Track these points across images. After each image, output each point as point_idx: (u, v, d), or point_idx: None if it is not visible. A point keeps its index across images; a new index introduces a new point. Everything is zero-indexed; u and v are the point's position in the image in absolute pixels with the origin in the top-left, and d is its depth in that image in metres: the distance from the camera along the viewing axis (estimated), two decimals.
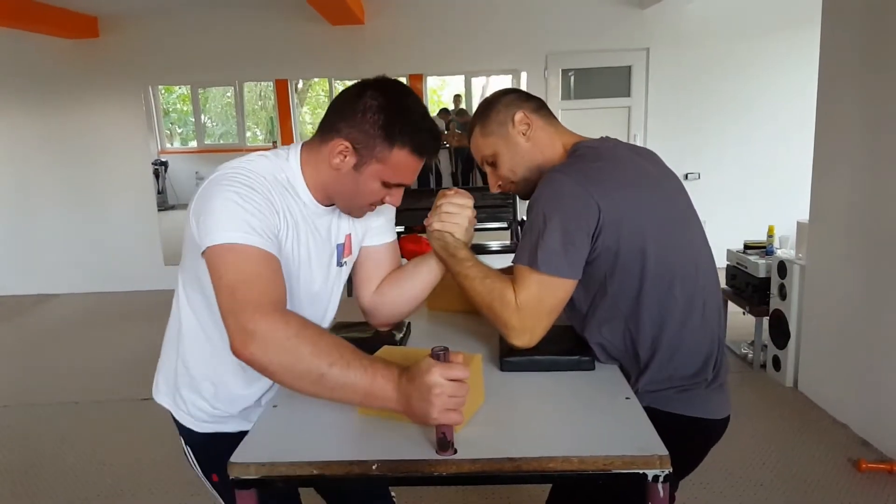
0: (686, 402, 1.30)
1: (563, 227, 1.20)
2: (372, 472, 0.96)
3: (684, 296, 1.28)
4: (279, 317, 1.02)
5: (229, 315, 1.03)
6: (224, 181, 1.13)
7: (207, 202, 1.11)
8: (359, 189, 1.21)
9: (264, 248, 1.09)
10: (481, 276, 1.29)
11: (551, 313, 1.26)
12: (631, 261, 1.24)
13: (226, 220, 1.08)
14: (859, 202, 2.90)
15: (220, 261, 1.07)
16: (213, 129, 12.28)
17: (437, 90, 13.02)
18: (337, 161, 1.18)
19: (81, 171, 6.17)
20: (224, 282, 1.06)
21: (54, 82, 5.98)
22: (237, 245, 1.07)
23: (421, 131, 1.17)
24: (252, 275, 1.06)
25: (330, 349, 1.01)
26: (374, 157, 1.17)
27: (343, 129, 1.17)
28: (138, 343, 4.64)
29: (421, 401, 0.94)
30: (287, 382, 1.03)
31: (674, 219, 1.30)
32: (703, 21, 5.66)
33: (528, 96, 1.43)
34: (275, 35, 5.84)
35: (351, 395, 1.01)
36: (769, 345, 3.62)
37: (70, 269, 6.32)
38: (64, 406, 3.68)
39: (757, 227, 4.21)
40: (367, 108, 1.15)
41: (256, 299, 1.03)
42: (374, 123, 1.15)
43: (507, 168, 1.41)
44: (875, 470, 2.61)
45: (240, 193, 1.11)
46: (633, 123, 5.97)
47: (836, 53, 3.08)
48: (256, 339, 0.99)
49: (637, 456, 0.94)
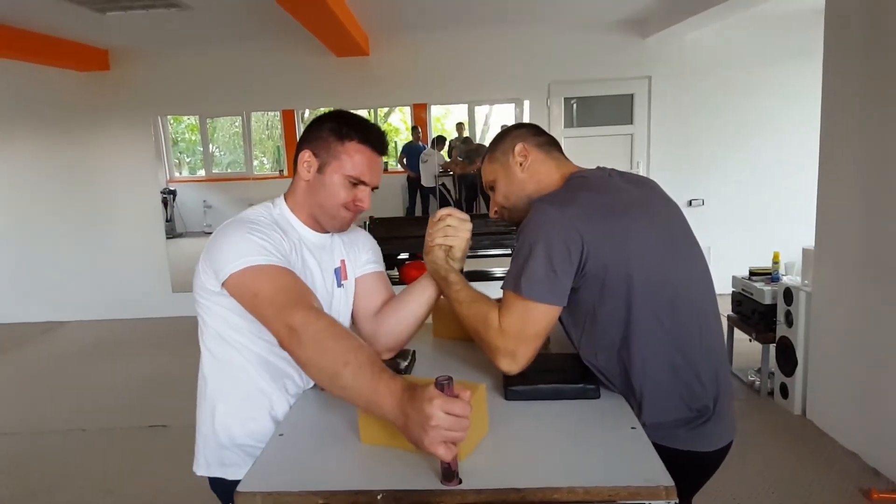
0: (690, 438, 1.30)
1: (547, 255, 1.24)
2: (377, 503, 0.96)
3: (677, 323, 1.28)
4: (313, 312, 1.13)
5: (273, 319, 1.15)
6: (230, 225, 1.29)
7: (220, 243, 1.25)
8: (327, 191, 1.36)
9: (284, 265, 1.23)
10: (469, 301, 1.36)
11: (535, 338, 1.28)
12: (617, 288, 1.25)
13: (243, 249, 1.22)
14: (865, 228, 2.90)
15: (250, 280, 1.19)
16: (221, 159, 12.41)
17: (441, 119, 13.15)
18: (304, 171, 1.36)
19: (91, 200, 6.24)
20: (262, 296, 1.18)
21: (66, 114, 6.09)
22: (261, 265, 1.21)
23: (366, 128, 1.36)
24: (284, 285, 1.19)
25: (347, 350, 1.07)
26: (332, 156, 1.35)
27: (304, 146, 1.37)
28: (146, 370, 4.65)
29: (417, 426, 0.95)
30: (313, 376, 1.13)
31: (664, 246, 1.31)
32: (704, 50, 5.72)
33: (538, 132, 1.50)
34: (282, 66, 5.95)
35: (356, 399, 1.06)
36: (776, 372, 3.59)
37: (79, 296, 6.35)
38: (71, 434, 3.68)
39: (762, 254, 4.22)
40: (321, 126, 1.37)
41: (294, 300, 1.15)
42: (325, 130, 1.36)
43: (502, 195, 1.49)
44: (886, 500, 2.57)
45: (249, 228, 1.27)
46: (636, 151, 6.01)
47: (839, 81, 3.11)
48: (296, 331, 1.10)
49: (642, 487, 0.94)
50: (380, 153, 1.39)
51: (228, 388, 1.35)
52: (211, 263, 1.25)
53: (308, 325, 1.10)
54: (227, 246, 1.24)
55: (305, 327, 1.10)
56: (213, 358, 1.35)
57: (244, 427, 1.34)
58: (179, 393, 1.33)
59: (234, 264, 1.21)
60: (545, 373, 1.32)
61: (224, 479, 1.36)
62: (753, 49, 5.69)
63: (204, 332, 1.35)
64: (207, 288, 1.28)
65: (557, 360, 1.44)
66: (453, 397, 0.95)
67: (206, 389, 1.37)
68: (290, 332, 1.11)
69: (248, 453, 1.34)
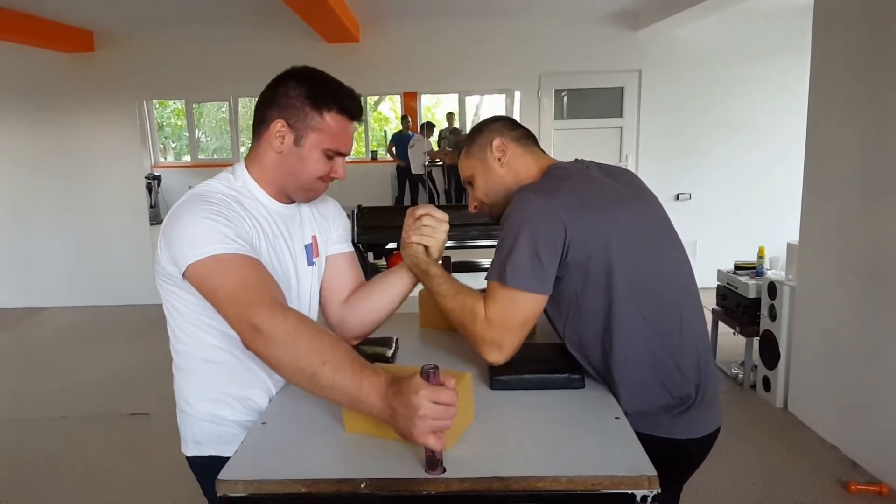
0: (673, 425, 1.31)
1: (531, 243, 1.23)
2: (360, 491, 0.95)
3: (657, 313, 1.29)
4: (278, 312, 1.07)
5: (235, 318, 1.09)
6: (188, 205, 1.19)
7: (178, 227, 1.17)
8: (304, 164, 1.27)
9: (246, 252, 1.15)
10: (453, 293, 1.34)
11: (521, 328, 1.27)
12: (599, 276, 1.26)
13: (201, 236, 1.14)
14: (849, 224, 2.93)
15: (210, 272, 1.12)
16: (207, 144, 12.30)
17: (432, 108, 13.11)
18: (278, 143, 1.26)
19: (74, 184, 6.15)
20: (221, 291, 1.11)
21: (49, 95, 5.98)
22: (220, 255, 1.12)
23: (342, 94, 1.27)
24: (245, 278, 1.12)
25: (324, 349, 1.04)
26: (310, 128, 1.25)
27: (274, 114, 1.26)
28: (128, 357, 4.61)
29: (405, 419, 0.95)
30: (287, 377, 1.09)
31: (644, 237, 1.32)
32: (694, 44, 5.73)
33: (514, 125, 1.50)
34: (270, 51, 5.87)
35: (340, 397, 1.04)
36: (759, 365, 3.63)
37: (61, 282, 6.28)
38: (52, 421, 3.65)
39: (747, 248, 4.25)
40: (289, 87, 1.26)
41: (257, 298, 1.08)
42: (299, 97, 1.25)
43: (482, 190, 1.48)
44: (865, 492, 2.62)
45: (207, 210, 1.17)
46: (625, 144, 6.02)
47: (826, 76, 3.12)
48: (260, 333, 1.05)
49: (625, 476, 0.94)
50: (357, 119, 1.32)
51: (200, 367, 1.30)
52: (169, 250, 1.18)
53: (276, 325, 1.05)
54: (184, 232, 1.15)
55: (274, 328, 1.05)
56: (182, 343, 1.30)
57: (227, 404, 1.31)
58: (162, 381, 1.31)
59: (192, 254, 1.12)
60: (531, 363, 1.32)
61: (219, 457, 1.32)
62: (743, 44, 5.71)
63: (174, 317, 1.29)
64: (168, 272, 1.21)
65: (543, 351, 1.44)
66: (439, 386, 0.95)
67: (179, 371, 1.33)
68: (256, 332, 1.06)
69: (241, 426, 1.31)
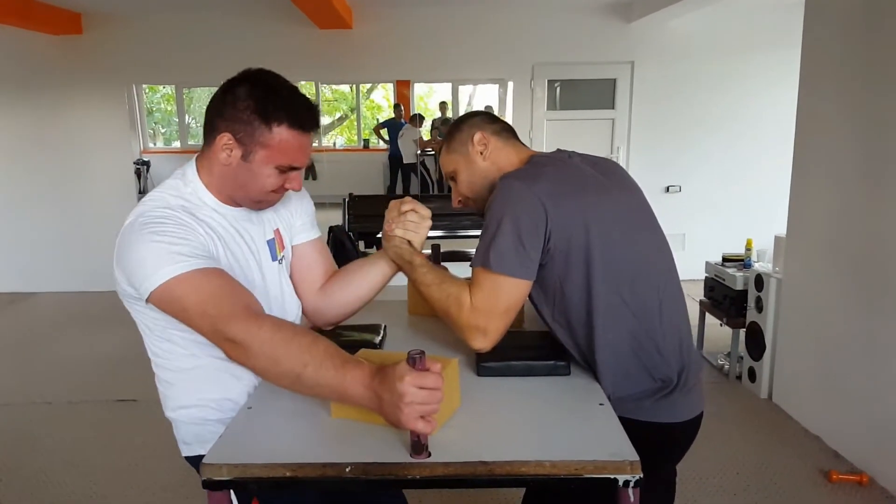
0: (655, 409, 1.32)
1: (514, 229, 1.24)
2: (345, 475, 0.96)
3: (636, 297, 1.30)
4: (253, 322, 1.07)
5: (211, 334, 1.09)
6: (135, 229, 1.14)
7: (130, 253, 1.13)
8: (254, 179, 1.22)
9: (205, 266, 1.12)
10: (437, 282, 1.34)
11: (506, 314, 1.28)
12: (579, 262, 1.27)
13: (153, 261, 1.10)
14: (837, 218, 2.95)
15: (176, 295, 1.10)
16: (197, 130, 12.19)
17: (425, 97, 13.06)
18: (224, 156, 1.21)
19: (61, 169, 6.09)
20: (191, 310, 1.10)
21: (36, 78, 5.91)
22: (180, 276, 1.09)
23: (293, 106, 1.20)
24: (211, 292, 1.10)
25: (301, 351, 1.04)
26: (258, 143, 1.19)
27: (221, 124, 1.20)
28: (115, 344, 4.59)
29: (392, 406, 0.95)
30: (273, 382, 1.10)
31: (623, 224, 1.33)
32: (687, 36, 5.73)
33: (493, 119, 1.51)
34: (262, 37, 5.82)
35: (328, 394, 1.05)
36: (745, 356, 3.66)
37: (47, 267, 6.22)
38: (37, 406, 3.63)
39: (735, 241, 4.27)
40: (237, 97, 1.19)
41: (228, 310, 1.08)
42: (246, 109, 1.18)
43: (465, 184, 1.49)
44: (846, 481, 2.65)
45: (156, 231, 1.13)
46: (617, 136, 6.02)
47: (816, 71, 3.14)
48: (238, 346, 1.06)
49: (608, 461, 0.95)
50: (311, 131, 1.23)
51: (177, 377, 1.29)
52: (127, 279, 1.14)
53: (251, 335, 1.05)
54: (137, 261, 1.11)
55: (250, 339, 1.05)
56: (157, 355, 1.29)
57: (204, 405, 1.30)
58: (149, 368, 1.31)
59: (149, 281, 1.09)
60: (517, 349, 1.33)
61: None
62: (736, 36, 5.71)
63: (145, 333, 1.28)
64: (132, 295, 1.18)
65: (529, 338, 1.46)
66: (424, 371, 0.95)
67: (159, 380, 1.33)
68: (234, 345, 1.06)
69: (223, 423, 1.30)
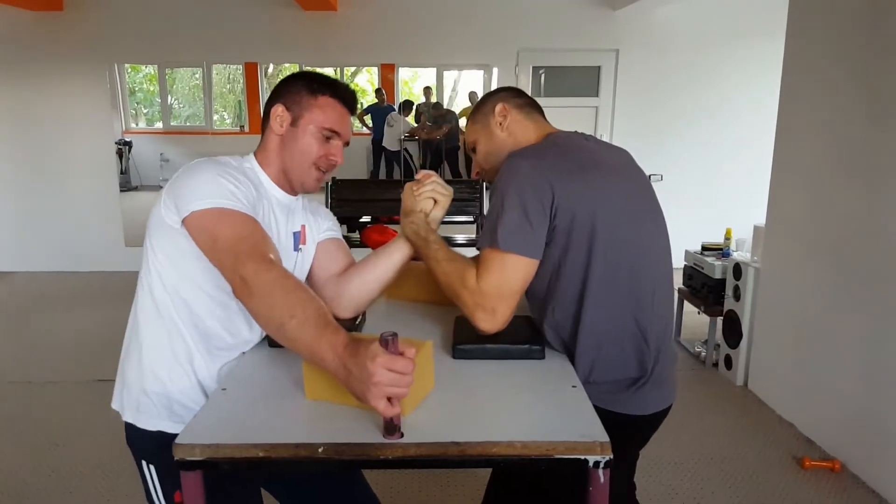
0: (625, 401, 1.33)
1: (522, 208, 1.24)
2: (318, 455, 0.96)
3: (632, 285, 1.31)
4: (266, 264, 1.12)
5: (228, 268, 1.14)
6: (201, 163, 1.27)
7: (191, 178, 1.23)
8: (301, 143, 1.36)
9: (249, 213, 1.22)
10: (448, 259, 1.35)
11: (513, 294, 1.27)
12: (581, 242, 1.27)
13: (211, 189, 1.20)
14: (815, 208, 2.99)
15: (213, 222, 1.18)
16: (180, 111, 12.05)
17: (409, 81, 12.97)
18: (277, 125, 1.36)
19: (41, 148, 6.00)
20: (220, 241, 1.16)
21: (15, 55, 5.79)
22: (225, 209, 1.19)
23: (337, 84, 1.39)
24: (244, 233, 1.17)
25: (295, 303, 1.07)
26: (304, 109, 1.35)
27: (275, 101, 1.37)
28: (95, 324, 4.55)
29: (359, 381, 0.96)
30: (262, 326, 1.16)
31: (629, 209, 1.33)
32: (672, 25, 5.74)
33: (519, 94, 1.51)
34: (246, 17, 5.76)
35: (301, 350, 1.06)
36: (722, 344, 3.71)
37: (27, 246, 6.15)
38: (16, 385, 3.60)
39: (715, 230, 4.31)
40: (289, 82, 1.39)
41: (250, 250, 1.14)
42: (297, 86, 1.37)
43: (483, 155, 1.50)
44: (818, 467, 2.71)
45: (220, 170, 1.25)
46: (600, 124, 6.04)
47: (799, 63, 3.16)
48: (246, 284, 1.10)
49: (578, 442, 0.96)
50: (350, 110, 1.40)
51: (159, 335, 1.30)
52: (174, 197, 1.22)
53: (258, 275, 1.10)
54: (195, 183, 1.22)
55: (255, 278, 1.10)
56: (150, 301, 1.29)
57: (166, 377, 1.30)
58: None
59: (199, 202, 1.18)
60: (493, 333, 1.33)
61: (135, 426, 1.33)
62: (720, 27, 5.74)
63: (147, 274, 1.29)
64: (166, 223, 1.23)
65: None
66: (397, 354, 0.96)
67: (138, 330, 1.32)
68: (243, 283, 1.11)
69: (164, 405, 1.31)
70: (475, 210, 5.58)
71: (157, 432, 1.30)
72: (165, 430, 1.29)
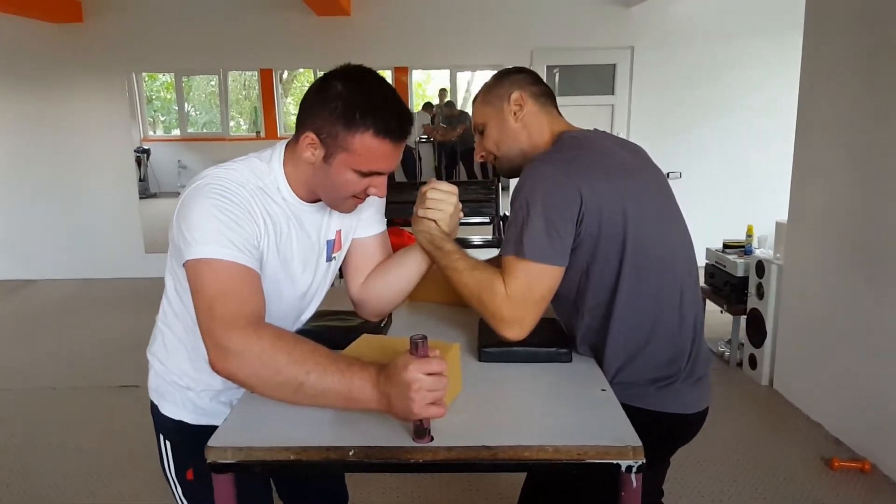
0: (659, 398, 1.32)
1: (547, 215, 1.21)
2: (349, 459, 0.97)
3: (661, 287, 1.30)
4: (252, 331, 1.05)
5: (206, 333, 1.07)
6: (204, 191, 1.14)
7: (188, 212, 1.13)
8: (334, 182, 1.19)
9: (242, 262, 1.11)
10: (469, 269, 1.29)
11: (540, 302, 1.25)
12: (610, 248, 1.25)
13: (205, 232, 1.10)
14: (837, 204, 2.94)
15: (199, 276, 1.10)
16: (197, 118, 12.14)
17: (423, 84, 12.98)
18: (308, 155, 1.18)
19: (63, 157, 6.09)
20: (201, 298, 1.09)
21: (37, 67, 5.89)
22: (213, 260, 1.09)
23: (382, 112, 1.14)
24: (227, 290, 1.08)
25: (305, 357, 1.02)
26: (339, 146, 1.15)
27: (308, 122, 1.17)
28: (117, 330, 4.60)
29: (401, 398, 0.95)
30: (268, 394, 1.06)
31: (653, 210, 1.32)
32: (687, 21, 5.70)
33: (536, 80, 1.46)
34: (260, 24, 5.80)
35: (333, 401, 1.02)
36: (746, 343, 3.66)
37: (50, 255, 6.23)
38: (41, 392, 3.64)
39: (736, 227, 4.26)
40: (328, 98, 1.15)
41: (231, 315, 1.06)
42: (333, 111, 1.13)
43: (493, 141, 1.46)
44: (847, 468, 2.66)
45: (218, 206, 1.12)
46: (617, 122, 6.00)
47: (818, 57, 3.12)
48: (232, 355, 1.03)
49: (610, 446, 0.95)
50: (399, 141, 1.17)
51: (184, 332, 1.29)
52: (180, 234, 1.14)
53: (249, 345, 1.03)
54: (191, 224, 1.11)
55: (247, 347, 1.03)
56: (176, 297, 1.28)
57: (190, 370, 1.31)
58: None
59: (191, 250, 1.10)
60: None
61: (158, 407, 1.35)
62: (736, 22, 5.67)
63: (172, 275, 1.27)
64: (180, 249, 1.16)
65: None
66: (426, 357, 0.95)
67: (166, 320, 1.32)
68: (227, 353, 1.04)
69: (187, 398, 1.32)
70: (491, 211, 5.57)
71: (178, 421, 1.33)
72: (186, 421, 1.32)
